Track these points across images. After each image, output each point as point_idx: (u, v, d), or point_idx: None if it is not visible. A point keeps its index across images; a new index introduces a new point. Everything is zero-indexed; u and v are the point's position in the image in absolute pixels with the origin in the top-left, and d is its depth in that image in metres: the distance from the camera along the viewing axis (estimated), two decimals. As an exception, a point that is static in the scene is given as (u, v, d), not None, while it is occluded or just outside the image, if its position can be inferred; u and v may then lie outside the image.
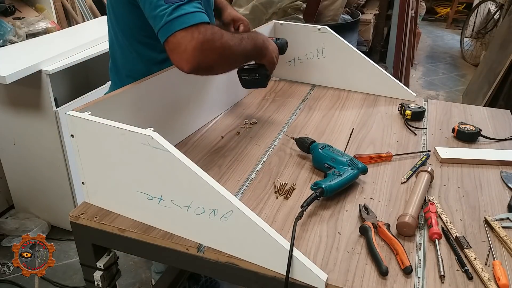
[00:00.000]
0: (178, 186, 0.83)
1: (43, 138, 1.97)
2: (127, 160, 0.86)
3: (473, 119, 1.42)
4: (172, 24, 0.90)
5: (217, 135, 1.29)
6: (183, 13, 0.91)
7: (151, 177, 0.85)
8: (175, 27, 0.90)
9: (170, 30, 0.91)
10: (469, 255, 0.84)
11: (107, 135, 0.86)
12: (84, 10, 2.71)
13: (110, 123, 0.84)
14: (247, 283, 0.85)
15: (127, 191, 0.90)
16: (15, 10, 2.37)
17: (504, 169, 1.15)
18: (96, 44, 2.13)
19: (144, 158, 0.83)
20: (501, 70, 3.00)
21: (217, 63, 0.97)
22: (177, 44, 0.90)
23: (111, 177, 0.91)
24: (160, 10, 0.92)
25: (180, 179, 0.81)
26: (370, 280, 0.79)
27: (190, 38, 0.90)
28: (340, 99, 1.56)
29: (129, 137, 0.82)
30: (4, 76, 1.67)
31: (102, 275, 0.99)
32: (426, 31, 5.94)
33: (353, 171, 1.04)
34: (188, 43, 0.90)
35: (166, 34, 0.91)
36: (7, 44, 2.19)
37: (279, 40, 1.29)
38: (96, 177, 0.94)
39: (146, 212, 0.90)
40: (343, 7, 3.01)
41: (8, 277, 1.94)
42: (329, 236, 0.90)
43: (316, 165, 1.12)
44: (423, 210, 0.96)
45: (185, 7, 0.91)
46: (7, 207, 2.29)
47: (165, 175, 0.83)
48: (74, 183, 2.05)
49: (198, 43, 0.90)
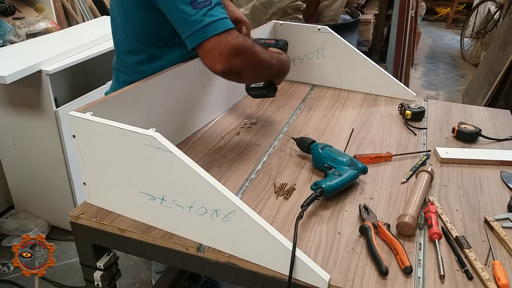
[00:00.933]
0: (180, 187, 0.83)
1: (43, 138, 1.97)
2: (129, 160, 0.86)
3: (473, 119, 1.42)
4: (206, 30, 0.96)
5: (217, 135, 1.29)
6: (214, 19, 0.96)
7: (153, 178, 0.85)
8: (209, 33, 0.96)
9: (204, 36, 0.96)
10: (469, 255, 0.85)
11: (109, 136, 0.86)
12: (84, 10, 2.71)
13: (112, 123, 0.84)
14: (247, 283, 0.85)
15: (129, 192, 0.90)
16: (15, 10, 2.37)
17: (504, 169, 1.15)
18: (96, 44, 2.13)
19: (146, 158, 0.83)
20: (501, 70, 3.00)
21: (247, 68, 1.04)
22: (213, 49, 0.97)
23: (113, 177, 0.91)
24: (189, 16, 0.97)
25: (182, 179, 0.81)
26: (370, 280, 0.80)
27: (225, 42, 0.97)
28: (340, 99, 1.56)
29: (131, 137, 0.82)
30: (4, 76, 1.67)
31: (102, 275, 0.99)
32: (426, 31, 5.94)
33: (353, 171, 1.04)
34: (224, 47, 0.97)
35: (200, 39, 0.97)
36: (7, 44, 2.19)
37: (279, 42, 1.29)
38: (98, 177, 0.94)
39: (148, 213, 0.91)
40: (343, 7, 3.01)
41: (8, 277, 1.94)
42: (329, 236, 0.90)
43: (316, 165, 1.12)
44: (423, 210, 0.97)
45: (214, 12, 0.97)
46: (7, 207, 2.29)
47: (167, 175, 0.83)
48: (74, 183, 2.05)
49: (233, 47, 0.98)
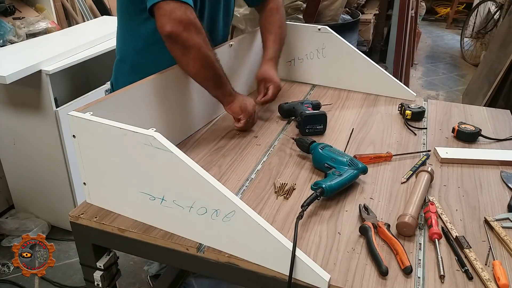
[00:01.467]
0: (180, 187, 0.83)
1: (43, 138, 1.97)
2: (129, 160, 0.86)
3: (473, 119, 1.42)
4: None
5: (217, 135, 1.29)
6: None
7: (153, 178, 0.85)
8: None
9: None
10: (469, 255, 0.85)
11: (109, 136, 0.86)
12: (84, 10, 2.71)
13: (112, 123, 0.84)
14: (247, 283, 0.85)
15: (129, 192, 0.90)
16: (15, 10, 2.37)
17: (504, 169, 1.15)
18: (96, 44, 2.13)
19: (146, 158, 0.83)
20: (501, 70, 3.00)
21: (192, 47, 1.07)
22: (170, 11, 1.03)
23: (114, 177, 0.91)
24: None
25: (182, 179, 0.82)
26: (370, 280, 0.80)
27: (183, 12, 1.03)
28: (340, 99, 1.56)
29: (131, 137, 0.82)
30: (4, 76, 1.67)
31: (102, 275, 0.99)
32: (426, 31, 5.94)
33: (353, 171, 1.04)
34: (180, 15, 1.03)
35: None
36: (7, 44, 2.18)
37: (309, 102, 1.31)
38: (98, 177, 0.94)
39: (148, 213, 0.91)
40: (343, 7, 3.01)
41: (8, 277, 1.93)
42: (329, 236, 0.90)
43: (316, 165, 1.12)
44: (423, 210, 0.97)
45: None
46: (7, 207, 2.29)
47: (167, 175, 0.83)
48: (74, 183, 2.05)
49: (189, 20, 1.04)
